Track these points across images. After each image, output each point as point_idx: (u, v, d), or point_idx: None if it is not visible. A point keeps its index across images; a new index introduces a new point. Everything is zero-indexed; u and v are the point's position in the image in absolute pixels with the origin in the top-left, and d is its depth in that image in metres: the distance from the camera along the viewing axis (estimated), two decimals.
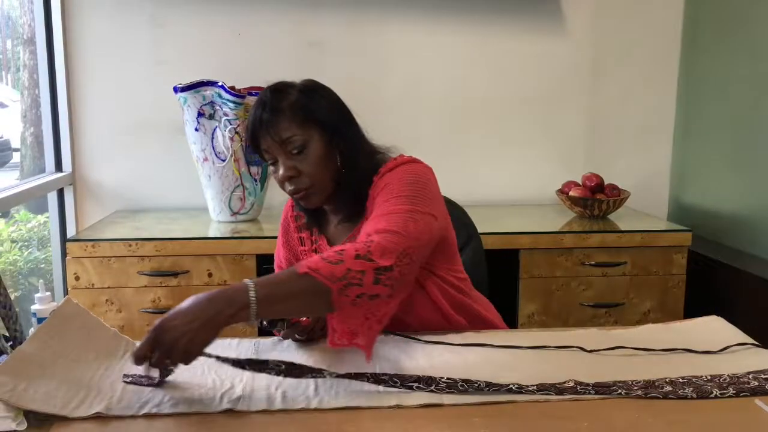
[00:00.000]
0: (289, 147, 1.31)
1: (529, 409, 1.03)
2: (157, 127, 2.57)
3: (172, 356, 1.00)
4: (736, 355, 1.24)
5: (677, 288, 2.32)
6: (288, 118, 1.31)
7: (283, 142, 1.31)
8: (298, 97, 1.34)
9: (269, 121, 1.31)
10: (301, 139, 1.31)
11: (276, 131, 1.31)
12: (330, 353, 1.24)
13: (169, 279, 2.12)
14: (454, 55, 2.70)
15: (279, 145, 1.31)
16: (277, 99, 1.33)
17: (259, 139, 1.33)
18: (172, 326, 0.99)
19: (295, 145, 1.31)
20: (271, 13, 2.58)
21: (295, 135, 1.31)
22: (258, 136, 1.33)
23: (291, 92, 1.34)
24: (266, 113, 1.31)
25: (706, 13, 2.66)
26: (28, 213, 3.97)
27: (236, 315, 1.02)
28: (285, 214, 1.52)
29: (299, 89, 1.35)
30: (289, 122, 1.31)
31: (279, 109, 1.31)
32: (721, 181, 2.56)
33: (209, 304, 1.01)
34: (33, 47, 3.99)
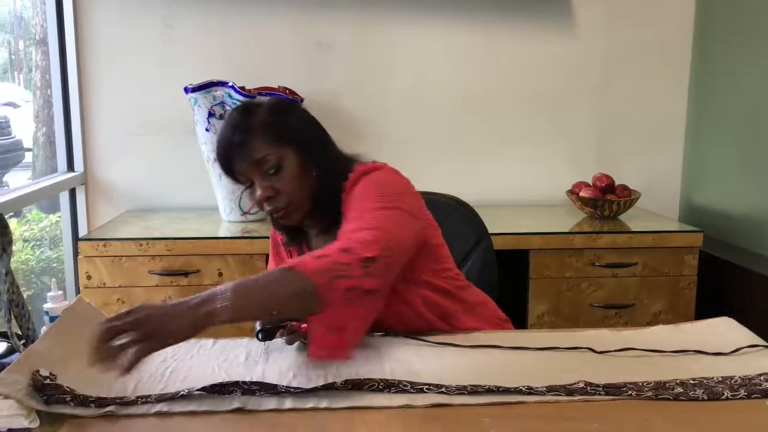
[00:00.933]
0: (264, 167, 1.29)
1: (538, 410, 1.03)
2: (168, 127, 2.58)
3: (149, 341, 0.97)
4: (748, 356, 1.23)
5: (688, 289, 2.31)
6: (259, 138, 1.29)
7: (258, 162, 1.29)
8: (267, 116, 1.32)
9: (241, 143, 1.29)
10: (275, 158, 1.30)
11: (249, 153, 1.29)
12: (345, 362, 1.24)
13: (179, 278, 2.13)
14: (463, 55, 2.69)
15: (254, 166, 1.29)
16: (246, 120, 1.31)
17: (232, 162, 1.31)
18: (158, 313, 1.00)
19: (270, 165, 1.30)
20: (279, 14, 2.59)
21: (269, 155, 1.29)
22: (231, 159, 1.30)
23: (259, 112, 1.33)
24: (237, 135, 1.29)
25: (717, 13, 2.64)
26: (40, 212, 4.00)
27: (212, 312, 1.00)
28: (273, 229, 1.51)
29: (267, 108, 1.34)
30: (261, 142, 1.29)
31: (249, 129, 1.29)
32: (733, 181, 2.55)
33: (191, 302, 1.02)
34: (45, 48, 4.02)
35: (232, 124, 1.31)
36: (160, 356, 1.21)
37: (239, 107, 1.36)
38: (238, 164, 1.31)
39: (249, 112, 1.33)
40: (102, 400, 1.02)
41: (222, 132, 1.32)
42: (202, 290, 1.04)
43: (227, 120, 1.34)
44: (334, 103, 2.65)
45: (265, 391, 1.07)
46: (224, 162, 1.32)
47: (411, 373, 1.14)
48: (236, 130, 1.30)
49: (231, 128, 1.31)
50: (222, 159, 1.32)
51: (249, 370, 1.16)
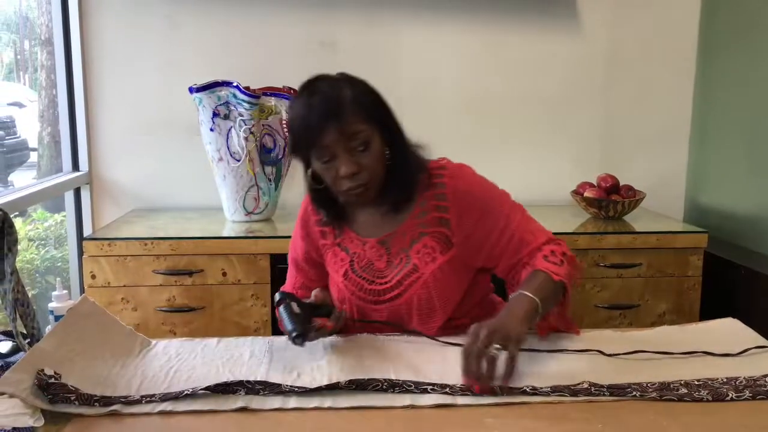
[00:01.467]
0: (353, 142, 1.28)
1: (542, 411, 1.03)
2: (173, 127, 2.59)
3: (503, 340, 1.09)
4: (753, 357, 1.23)
5: (693, 290, 2.30)
6: (355, 112, 1.28)
7: (350, 136, 1.27)
8: (361, 92, 1.32)
9: (338, 115, 1.26)
10: (366, 135, 1.29)
11: (342, 125, 1.26)
12: (343, 355, 1.24)
13: (184, 278, 2.13)
14: (468, 55, 2.69)
15: (345, 139, 1.27)
16: (339, 92, 1.28)
17: (321, 133, 1.26)
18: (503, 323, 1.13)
19: (360, 141, 1.28)
20: (284, 14, 2.59)
21: (361, 131, 1.28)
22: (321, 130, 1.26)
23: (351, 87, 1.31)
24: (332, 106, 1.26)
25: (722, 13, 2.63)
26: (45, 212, 4.02)
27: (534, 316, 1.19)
28: (305, 208, 1.49)
29: (360, 84, 1.33)
30: (355, 116, 1.28)
31: (345, 102, 1.27)
32: (738, 182, 2.54)
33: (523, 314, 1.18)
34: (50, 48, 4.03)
35: (324, 96, 1.27)
36: (164, 356, 1.22)
37: (321, 80, 1.31)
38: (328, 135, 1.26)
39: (339, 86, 1.29)
40: (106, 399, 1.03)
41: (308, 102, 1.28)
42: (207, 290, 1.05)
43: (310, 90, 1.29)
44: None
45: (269, 390, 1.07)
46: (310, 132, 1.27)
47: (415, 372, 1.14)
48: (330, 102, 1.26)
49: (324, 99, 1.27)
50: (308, 129, 1.28)
51: (253, 370, 1.16)
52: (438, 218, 1.37)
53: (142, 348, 1.25)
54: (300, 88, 1.33)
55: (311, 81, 1.32)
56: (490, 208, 1.36)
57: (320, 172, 1.33)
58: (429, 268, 1.36)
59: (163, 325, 2.13)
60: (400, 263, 1.38)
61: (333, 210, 1.42)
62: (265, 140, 2.31)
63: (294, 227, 1.54)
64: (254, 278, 2.15)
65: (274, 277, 2.15)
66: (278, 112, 2.30)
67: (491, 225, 1.35)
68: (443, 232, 1.36)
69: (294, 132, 1.32)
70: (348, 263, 1.42)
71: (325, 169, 1.31)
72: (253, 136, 2.26)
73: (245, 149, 2.26)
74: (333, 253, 1.45)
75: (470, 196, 1.36)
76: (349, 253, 1.43)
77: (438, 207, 1.37)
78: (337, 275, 1.43)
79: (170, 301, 2.13)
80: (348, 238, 1.43)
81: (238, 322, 2.16)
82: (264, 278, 2.15)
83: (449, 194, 1.36)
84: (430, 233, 1.37)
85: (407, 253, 1.38)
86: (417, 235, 1.38)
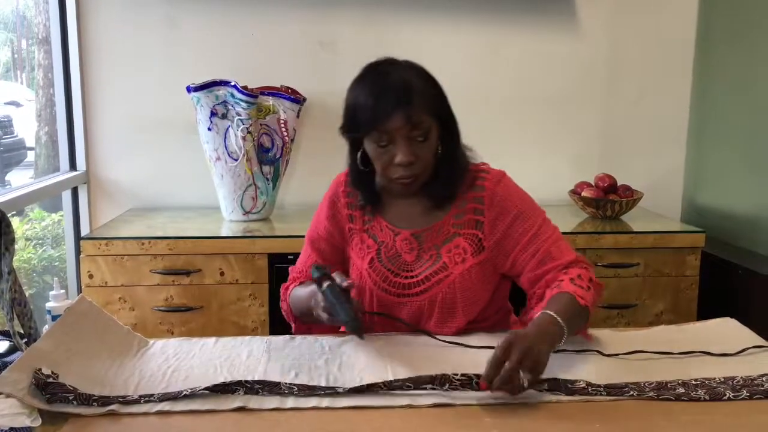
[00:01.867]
0: (415, 132, 1.28)
1: (539, 410, 1.03)
2: (171, 126, 2.58)
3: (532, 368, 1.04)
4: (750, 357, 1.23)
5: (690, 289, 2.30)
6: (423, 102, 1.28)
7: (414, 125, 1.27)
8: (431, 84, 1.32)
9: (408, 102, 1.25)
10: (427, 126, 1.29)
11: (410, 113, 1.25)
12: (340, 355, 1.24)
13: (181, 277, 2.13)
14: (467, 55, 2.69)
15: (409, 128, 1.26)
16: (408, 80, 1.28)
17: (387, 116, 1.26)
18: (537, 349, 1.07)
19: (422, 131, 1.28)
20: (283, 13, 2.59)
21: (424, 121, 1.28)
22: (387, 113, 1.25)
23: (414, 75, 1.31)
24: (404, 93, 1.26)
25: (720, 14, 2.64)
26: (42, 211, 4.01)
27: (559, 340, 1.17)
28: (335, 189, 1.47)
29: (429, 76, 1.33)
30: (423, 107, 1.28)
31: (416, 91, 1.27)
32: (735, 182, 2.54)
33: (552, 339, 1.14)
34: (48, 47, 4.02)
35: (396, 81, 1.27)
36: (162, 356, 1.22)
37: (391, 65, 1.33)
38: (394, 121, 1.26)
39: (410, 74, 1.31)
40: (105, 399, 1.02)
41: (378, 84, 1.28)
42: (204, 290, 1.05)
43: (379, 72, 1.31)
44: (338, 103, 2.62)
45: (268, 389, 1.07)
46: (376, 114, 1.26)
47: (413, 372, 1.14)
48: (402, 88, 1.26)
49: (396, 84, 1.26)
50: (375, 111, 1.27)
51: (251, 369, 1.16)
52: (473, 220, 1.38)
53: (139, 348, 1.24)
54: (367, 69, 1.35)
55: (380, 63, 1.34)
56: (525, 216, 1.37)
57: (371, 155, 1.33)
58: (458, 268, 1.37)
59: (161, 325, 2.13)
60: (429, 259, 1.38)
61: (371, 195, 1.41)
62: (263, 140, 2.31)
63: (319, 207, 1.50)
64: (252, 278, 2.15)
65: (272, 277, 2.15)
66: (276, 111, 2.30)
67: (522, 232, 1.36)
68: (476, 234, 1.38)
69: (355, 111, 1.31)
70: (375, 251, 1.41)
71: (380, 153, 1.30)
72: (250, 136, 2.26)
73: (243, 149, 2.26)
74: (360, 238, 1.43)
75: (508, 201, 1.38)
76: (377, 241, 1.42)
77: (475, 210, 1.38)
78: (361, 262, 1.42)
79: (168, 301, 2.13)
80: (378, 226, 1.42)
81: (236, 322, 2.16)
82: (262, 278, 2.15)
83: (488, 198, 1.38)
84: (462, 234, 1.38)
85: (438, 251, 1.38)
86: (450, 235, 1.39)
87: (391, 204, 1.43)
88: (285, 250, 2.14)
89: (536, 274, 1.35)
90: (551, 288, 1.29)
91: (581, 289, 1.25)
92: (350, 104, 1.33)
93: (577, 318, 1.23)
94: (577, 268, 1.33)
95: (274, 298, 2.17)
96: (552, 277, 1.32)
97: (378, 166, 1.33)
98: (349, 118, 1.34)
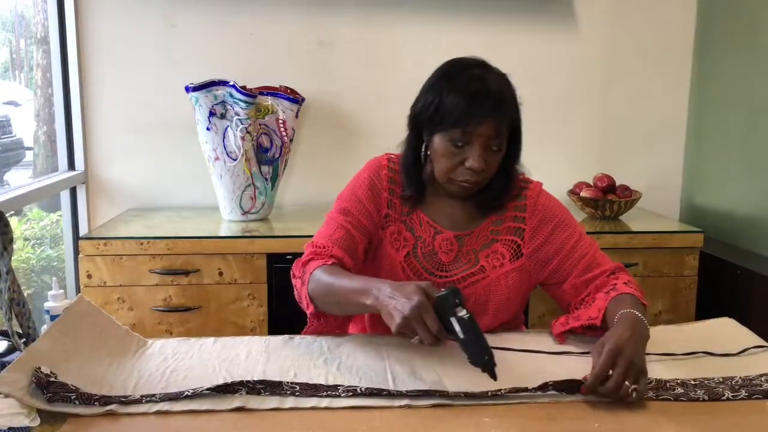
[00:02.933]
0: (494, 141, 1.29)
1: (539, 410, 1.03)
2: (169, 126, 2.58)
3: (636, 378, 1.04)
4: (748, 357, 1.23)
5: (689, 289, 2.31)
6: (509, 114, 1.30)
7: (495, 135, 1.28)
8: (514, 95, 1.32)
9: (502, 113, 1.27)
10: (504, 139, 1.31)
11: (497, 123, 1.27)
12: (340, 355, 1.24)
13: (180, 277, 2.13)
14: (465, 55, 2.68)
15: (490, 137, 1.28)
16: (504, 89, 1.29)
17: (479, 122, 1.26)
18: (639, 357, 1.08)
19: (499, 142, 1.30)
20: (281, 13, 2.59)
21: (503, 134, 1.30)
22: (481, 118, 1.26)
23: (507, 85, 1.32)
24: (500, 102, 1.27)
25: (719, 13, 2.64)
26: (41, 211, 4.00)
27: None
28: (376, 171, 1.42)
29: (509, 84, 1.33)
30: (507, 120, 1.30)
31: (508, 102, 1.29)
32: (734, 182, 2.55)
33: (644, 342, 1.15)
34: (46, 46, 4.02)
35: (494, 88, 1.28)
36: (160, 356, 1.22)
37: (487, 69, 1.33)
38: (483, 126, 1.26)
39: (504, 83, 1.32)
40: (106, 399, 1.02)
41: (476, 86, 1.28)
42: (203, 290, 1.04)
43: (475, 75, 1.30)
44: (337, 103, 2.65)
45: (270, 389, 1.06)
46: (468, 115, 1.26)
47: (411, 371, 1.14)
48: (499, 97, 1.27)
49: (495, 92, 1.28)
50: (467, 112, 1.26)
51: (250, 369, 1.16)
52: (513, 228, 1.40)
53: (138, 348, 1.24)
54: (458, 66, 1.35)
55: (473, 64, 1.34)
56: (565, 225, 1.40)
57: (439, 151, 1.31)
58: (496, 272, 1.38)
59: (160, 325, 2.13)
60: (468, 262, 1.39)
61: (419, 187, 1.40)
62: (262, 140, 2.31)
63: (352, 184, 1.43)
64: (251, 278, 2.15)
65: (271, 277, 2.15)
66: (275, 111, 2.29)
67: (563, 240, 1.38)
68: (516, 241, 1.40)
69: (443, 105, 1.29)
70: (411, 246, 1.40)
71: (452, 152, 1.30)
72: (249, 136, 2.26)
73: (242, 149, 2.26)
74: (397, 228, 1.41)
75: (549, 211, 1.41)
76: (414, 235, 1.41)
77: (515, 217, 1.40)
78: (396, 254, 1.39)
79: (166, 301, 2.13)
80: (417, 220, 1.41)
81: (235, 322, 2.15)
82: (260, 278, 2.15)
83: (530, 206, 1.41)
84: (501, 240, 1.40)
85: (476, 255, 1.40)
86: (489, 241, 1.40)
87: (432, 201, 1.42)
88: (284, 250, 2.14)
89: (583, 280, 1.36)
90: (606, 291, 1.30)
91: (637, 291, 1.29)
92: (436, 97, 1.31)
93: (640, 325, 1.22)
94: (623, 274, 1.37)
95: (272, 298, 2.17)
96: (602, 282, 1.35)
97: (443, 163, 1.32)
98: (431, 110, 1.31)
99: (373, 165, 1.43)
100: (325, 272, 1.26)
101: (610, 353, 1.06)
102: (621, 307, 1.21)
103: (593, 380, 1.04)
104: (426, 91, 1.35)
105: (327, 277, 1.25)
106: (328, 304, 1.27)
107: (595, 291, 1.34)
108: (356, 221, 1.38)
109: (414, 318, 1.05)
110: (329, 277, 1.25)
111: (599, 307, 1.26)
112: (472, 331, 1.05)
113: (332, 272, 1.26)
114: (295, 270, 1.35)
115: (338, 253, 1.33)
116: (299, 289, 1.32)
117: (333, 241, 1.34)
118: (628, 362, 1.04)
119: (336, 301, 1.24)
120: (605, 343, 1.09)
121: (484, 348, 1.05)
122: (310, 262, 1.31)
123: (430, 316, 1.05)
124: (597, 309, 1.26)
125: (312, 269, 1.28)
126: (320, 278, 1.26)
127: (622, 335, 1.10)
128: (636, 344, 1.10)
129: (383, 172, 1.42)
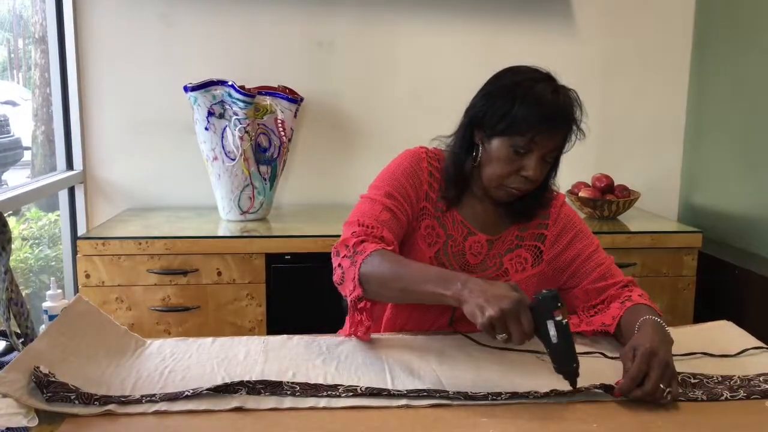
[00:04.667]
0: (552, 154, 1.33)
1: (537, 411, 1.03)
2: (168, 126, 2.58)
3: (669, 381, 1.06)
4: (747, 358, 1.24)
5: (687, 290, 2.31)
6: (573, 132, 1.33)
7: (556, 149, 1.32)
8: (579, 116, 1.33)
9: (570, 128, 1.31)
10: (559, 153, 1.35)
11: (566, 139, 1.32)
12: (339, 354, 1.24)
13: (178, 277, 2.12)
14: (464, 56, 2.69)
15: (555, 149, 1.31)
16: (575, 106, 1.32)
17: (551, 133, 1.28)
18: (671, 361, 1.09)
19: (554, 156, 1.34)
20: (281, 13, 2.59)
21: (562, 148, 1.34)
22: (553, 130, 1.28)
23: (575, 102, 1.33)
24: (571, 118, 1.30)
25: (717, 13, 2.64)
26: (39, 211, 4.00)
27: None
28: (416, 163, 1.40)
29: (578, 102, 1.34)
30: (571, 135, 1.33)
31: (576, 120, 1.32)
32: (732, 182, 2.55)
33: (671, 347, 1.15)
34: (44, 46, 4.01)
35: (569, 105, 1.30)
36: (159, 356, 1.22)
37: (561, 85, 1.32)
38: (551, 139, 1.29)
39: (575, 100, 1.32)
40: (106, 398, 1.02)
41: (555, 98, 1.28)
42: (201, 290, 1.04)
43: (549, 87, 1.29)
44: (336, 103, 2.65)
45: (270, 389, 1.06)
46: (543, 124, 1.27)
47: (410, 371, 1.14)
48: (571, 113, 1.30)
49: (569, 109, 1.30)
50: (543, 121, 1.26)
51: (248, 369, 1.15)
52: (537, 234, 1.44)
53: (136, 348, 1.24)
54: (531, 73, 1.33)
55: (545, 76, 1.32)
56: (584, 235, 1.45)
57: (498, 155, 1.31)
58: (518, 276, 1.41)
59: (158, 325, 2.13)
60: (493, 265, 1.42)
61: (463, 189, 1.41)
62: (260, 139, 2.31)
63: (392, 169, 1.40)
64: (249, 278, 2.15)
65: (269, 277, 2.15)
66: (273, 111, 2.29)
67: (582, 247, 1.43)
68: (538, 246, 1.43)
69: (513, 110, 1.28)
70: (442, 243, 1.40)
71: (512, 158, 1.30)
72: (248, 136, 2.26)
73: (240, 148, 2.26)
74: (431, 223, 1.40)
75: (570, 220, 1.46)
76: (446, 232, 1.41)
77: (539, 224, 1.44)
78: (428, 249, 1.39)
79: (165, 301, 2.13)
80: (451, 218, 1.41)
81: (233, 322, 2.15)
82: (259, 278, 2.15)
83: (553, 215, 1.45)
84: (525, 245, 1.43)
85: (501, 259, 1.42)
86: (513, 246, 1.43)
87: (467, 202, 1.43)
88: (282, 250, 2.14)
89: (596, 287, 1.39)
90: (621, 302, 1.33)
91: (652, 304, 1.32)
92: (507, 103, 1.29)
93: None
94: (636, 288, 1.39)
95: (271, 298, 2.17)
96: (616, 293, 1.37)
97: (498, 168, 1.32)
98: (498, 115, 1.30)
99: (413, 155, 1.41)
100: (386, 256, 1.21)
101: (644, 356, 1.07)
102: (639, 316, 1.22)
103: (629, 382, 1.05)
104: (491, 96, 1.33)
105: (391, 262, 1.20)
106: (386, 289, 1.19)
107: (610, 301, 1.37)
108: (400, 206, 1.35)
109: (511, 313, 1.03)
110: (394, 262, 1.20)
111: (614, 315, 1.30)
112: (565, 337, 1.04)
113: (395, 258, 1.22)
114: (341, 249, 1.27)
115: (388, 235, 1.29)
116: (347, 269, 1.23)
117: (381, 222, 1.30)
118: (663, 365, 1.06)
119: (401, 287, 1.17)
120: (637, 347, 1.10)
121: (573, 355, 1.05)
122: (363, 243, 1.24)
123: (527, 315, 1.04)
124: (611, 317, 1.30)
125: (368, 251, 1.21)
126: (381, 262, 1.19)
127: (654, 339, 1.12)
128: (667, 348, 1.12)
129: (423, 164, 1.40)
